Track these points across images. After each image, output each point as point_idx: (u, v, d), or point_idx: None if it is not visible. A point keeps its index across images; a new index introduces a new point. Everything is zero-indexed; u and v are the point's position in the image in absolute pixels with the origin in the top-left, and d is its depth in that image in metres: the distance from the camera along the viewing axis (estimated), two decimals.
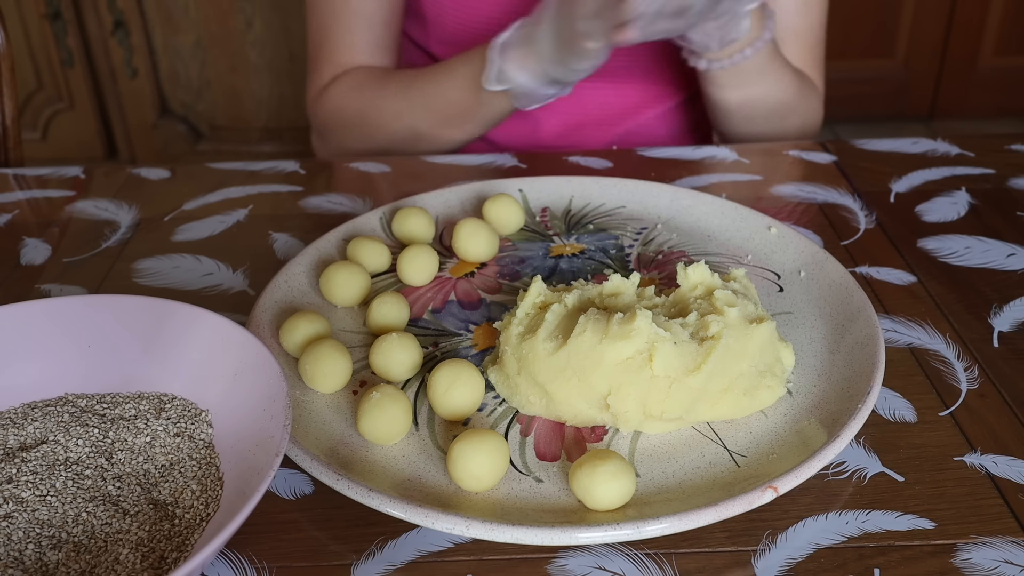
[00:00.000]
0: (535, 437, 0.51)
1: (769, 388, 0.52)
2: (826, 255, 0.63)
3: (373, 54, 0.92)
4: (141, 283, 0.67)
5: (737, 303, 0.53)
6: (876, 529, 0.46)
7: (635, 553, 0.45)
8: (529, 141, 0.97)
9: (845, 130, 2.48)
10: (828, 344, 0.56)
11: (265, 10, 2.22)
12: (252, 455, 0.44)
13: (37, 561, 0.41)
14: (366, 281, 0.62)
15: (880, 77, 2.48)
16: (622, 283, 0.55)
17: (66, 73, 2.27)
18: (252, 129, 2.39)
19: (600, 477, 0.44)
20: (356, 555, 0.45)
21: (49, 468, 0.46)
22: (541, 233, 0.70)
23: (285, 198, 0.78)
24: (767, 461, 0.48)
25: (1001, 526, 0.46)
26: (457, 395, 0.51)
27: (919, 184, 0.77)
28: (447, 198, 0.73)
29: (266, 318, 0.59)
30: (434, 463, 0.49)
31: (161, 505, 0.45)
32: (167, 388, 0.51)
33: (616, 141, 0.98)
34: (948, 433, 0.51)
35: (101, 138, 2.38)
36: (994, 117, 2.52)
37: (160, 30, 2.25)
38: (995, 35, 2.42)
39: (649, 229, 0.70)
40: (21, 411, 0.50)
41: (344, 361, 0.53)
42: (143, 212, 0.76)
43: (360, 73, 0.90)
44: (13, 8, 2.16)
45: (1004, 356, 0.57)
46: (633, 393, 0.50)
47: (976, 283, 0.64)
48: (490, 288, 0.64)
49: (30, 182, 0.83)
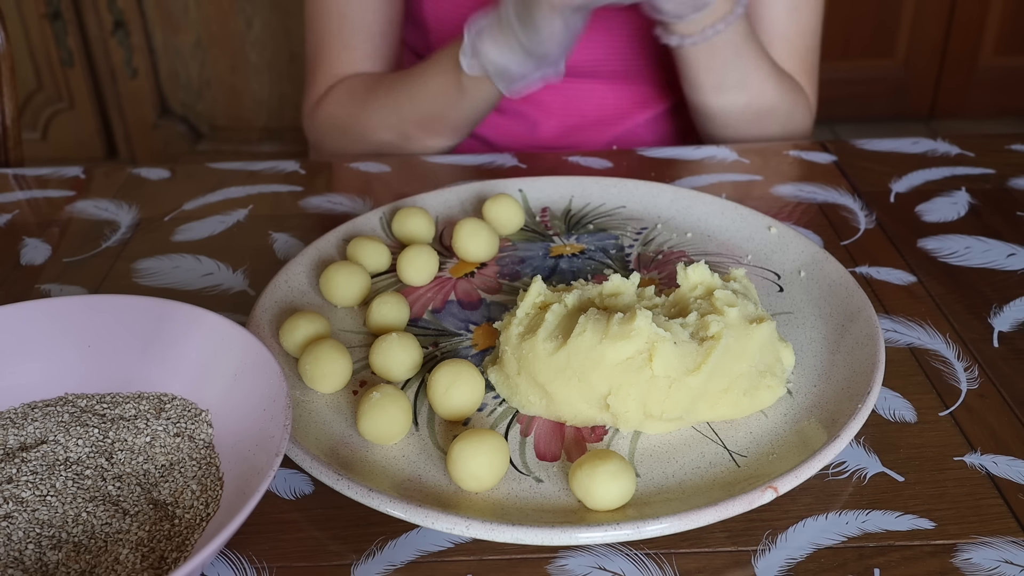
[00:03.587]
0: (535, 437, 0.51)
1: (769, 388, 0.52)
2: (826, 255, 0.63)
3: (372, 65, 0.91)
4: (141, 283, 0.67)
5: (737, 303, 0.53)
6: (876, 529, 0.46)
7: (635, 553, 0.45)
8: (527, 142, 0.97)
9: (845, 130, 2.48)
10: (828, 344, 0.56)
11: (265, 10, 2.22)
12: (252, 455, 0.44)
13: (37, 561, 0.41)
14: (366, 281, 0.62)
15: (880, 77, 2.48)
16: (622, 283, 0.55)
17: (66, 73, 2.27)
18: (252, 129, 2.39)
19: (600, 477, 0.44)
20: (356, 555, 0.45)
21: (49, 468, 0.46)
22: (541, 233, 0.70)
23: (285, 198, 0.78)
24: (767, 461, 0.48)
25: (1001, 526, 0.46)
26: (457, 395, 0.51)
27: (919, 184, 0.77)
28: (447, 198, 0.73)
29: (266, 318, 0.59)
30: (434, 463, 0.49)
31: (161, 505, 0.45)
32: (167, 388, 0.51)
33: (615, 142, 0.98)
34: (948, 433, 0.51)
35: (101, 138, 2.38)
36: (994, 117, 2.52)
37: (160, 30, 2.25)
38: (995, 35, 2.42)
39: (649, 229, 0.70)
40: (21, 411, 0.50)
41: (344, 361, 0.53)
42: (143, 212, 0.76)
43: (351, 81, 0.90)
44: (13, 8, 2.16)
45: (1004, 356, 0.57)
46: (633, 393, 0.50)
47: (976, 283, 0.64)
48: (490, 288, 0.64)
49: (30, 182, 0.83)
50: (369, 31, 0.90)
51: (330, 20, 0.90)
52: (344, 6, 0.89)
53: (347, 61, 0.91)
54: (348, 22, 0.89)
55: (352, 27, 0.89)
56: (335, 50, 0.91)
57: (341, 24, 0.89)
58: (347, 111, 0.89)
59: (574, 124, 0.96)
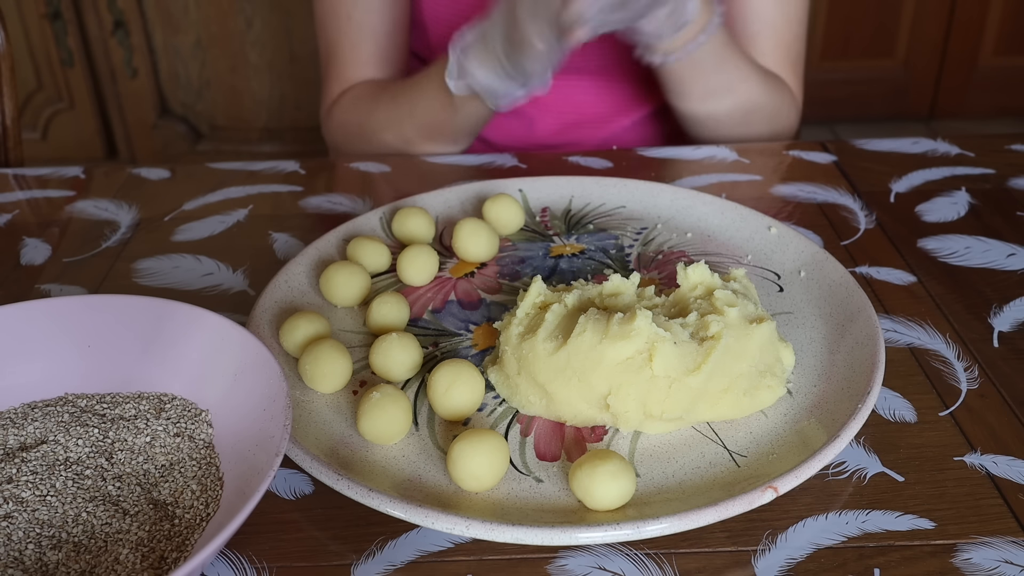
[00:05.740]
0: (535, 437, 0.51)
1: (769, 388, 0.52)
2: (826, 255, 0.63)
3: (380, 67, 0.92)
4: (141, 283, 0.67)
5: (737, 303, 0.53)
6: (876, 529, 0.46)
7: (635, 553, 0.45)
8: (524, 140, 0.97)
9: (845, 130, 2.48)
10: (828, 344, 0.56)
11: (265, 10, 2.22)
12: (252, 455, 0.44)
13: (37, 561, 0.41)
14: (366, 281, 0.62)
15: (880, 77, 2.48)
16: (622, 283, 0.55)
17: (66, 73, 2.27)
18: (252, 129, 2.39)
19: (600, 477, 0.44)
20: (356, 555, 0.45)
21: (49, 468, 0.46)
22: (541, 233, 0.70)
23: (285, 198, 0.78)
24: (767, 461, 0.48)
25: (1001, 526, 0.46)
26: (457, 395, 0.51)
27: (919, 184, 0.77)
28: (447, 198, 0.73)
29: (266, 318, 0.59)
30: (434, 463, 0.49)
31: (161, 505, 0.45)
32: (167, 388, 0.51)
33: (614, 138, 0.98)
34: (948, 433, 0.51)
35: (101, 138, 2.38)
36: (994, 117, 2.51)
37: (160, 30, 2.25)
38: (995, 35, 2.42)
39: (649, 229, 0.70)
40: (21, 411, 0.50)
41: (344, 361, 0.53)
42: (143, 212, 0.76)
43: (360, 87, 0.91)
44: (13, 8, 2.16)
45: (1004, 356, 0.57)
46: (633, 393, 0.50)
47: (976, 283, 0.64)
48: (490, 288, 0.64)
49: (30, 182, 0.83)
50: (376, 32, 0.91)
51: (337, 23, 0.91)
52: (350, 8, 0.90)
53: (357, 63, 0.92)
54: (354, 24, 0.90)
55: (360, 29, 0.91)
56: (343, 52, 0.92)
57: (348, 27, 0.90)
58: (355, 119, 0.90)
59: (572, 121, 0.97)
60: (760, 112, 0.87)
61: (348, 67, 0.92)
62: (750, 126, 0.87)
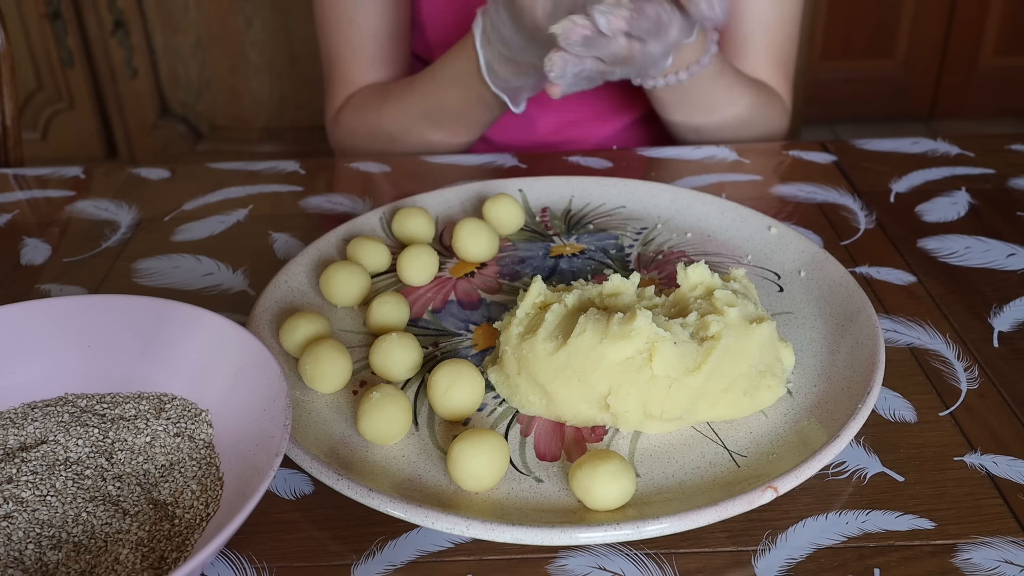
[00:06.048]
0: (535, 437, 0.51)
1: (769, 388, 0.52)
2: (826, 255, 0.63)
3: (383, 69, 0.92)
4: (141, 283, 0.67)
5: (737, 303, 0.53)
6: (876, 529, 0.46)
7: (635, 553, 0.45)
8: (524, 139, 0.97)
9: (845, 130, 2.48)
10: (828, 344, 0.56)
11: (265, 10, 2.22)
12: (252, 455, 0.44)
13: (37, 561, 0.41)
14: (366, 281, 0.62)
15: (880, 77, 2.48)
16: (622, 283, 0.55)
17: (66, 73, 2.27)
18: (252, 129, 2.39)
19: (600, 477, 0.44)
20: (356, 555, 0.45)
21: (49, 468, 0.46)
22: (541, 233, 0.70)
23: (285, 198, 0.78)
24: (767, 461, 0.48)
25: (1001, 526, 0.46)
26: (457, 395, 0.51)
27: (919, 184, 0.77)
28: (447, 198, 0.73)
29: (266, 318, 0.59)
30: (434, 463, 0.49)
31: (161, 505, 0.45)
32: (167, 388, 0.51)
33: (615, 136, 0.98)
34: (948, 433, 0.51)
35: (101, 138, 2.38)
36: (994, 117, 2.52)
37: (160, 30, 2.25)
38: (995, 35, 2.42)
39: (649, 229, 0.70)
40: (21, 411, 0.50)
41: (344, 361, 0.53)
42: (143, 212, 0.76)
43: (364, 93, 0.91)
44: (13, 8, 2.16)
45: (1004, 356, 0.57)
46: (633, 393, 0.50)
47: (976, 283, 0.64)
48: (490, 288, 0.64)
49: (30, 182, 0.83)
50: (377, 34, 0.91)
51: (339, 26, 0.91)
52: (351, 11, 0.90)
53: (360, 67, 0.92)
54: (356, 26, 0.90)
55: (360, 32, 0.90)
56: (346, 56, 0.92)
57: (349, 29, 0.90)
58: (363, 123, 0.90)
59: (571, 119, 0.97)
60: (750, 126, 0.88)
61: (351, 70, 0.92)
62: (738, 135, 0.88)
